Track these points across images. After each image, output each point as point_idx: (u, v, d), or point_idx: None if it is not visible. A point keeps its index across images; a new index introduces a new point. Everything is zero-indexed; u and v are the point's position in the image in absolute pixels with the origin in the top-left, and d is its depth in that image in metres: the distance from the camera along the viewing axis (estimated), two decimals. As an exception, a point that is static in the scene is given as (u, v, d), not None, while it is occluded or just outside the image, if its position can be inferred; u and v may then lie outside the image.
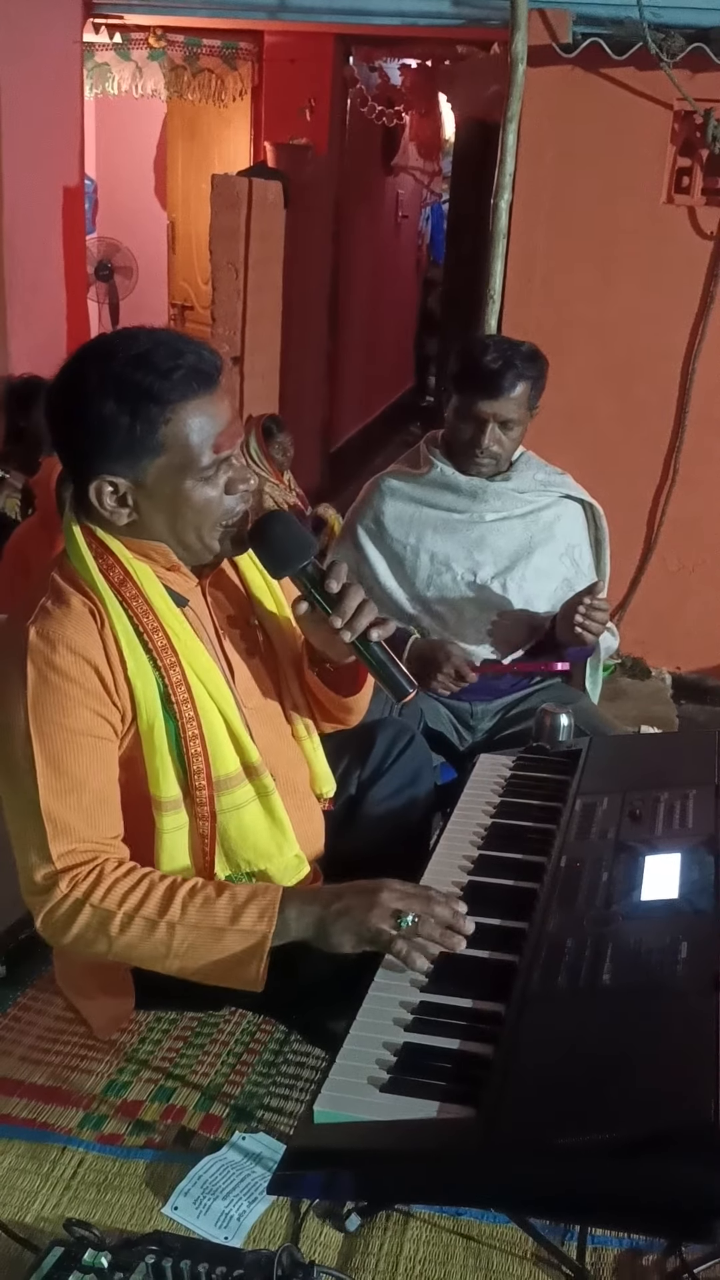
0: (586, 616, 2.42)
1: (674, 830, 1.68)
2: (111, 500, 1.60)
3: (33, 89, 4.54)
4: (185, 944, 1.53)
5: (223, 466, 1.61)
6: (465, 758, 2.40)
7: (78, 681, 1.57)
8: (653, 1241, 1.53)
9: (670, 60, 3.77)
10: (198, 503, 1.60)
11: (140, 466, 1.57)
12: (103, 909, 1.54)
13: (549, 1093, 1.21)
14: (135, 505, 1.61)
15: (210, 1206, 1.57)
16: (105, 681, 1.59)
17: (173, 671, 1.63)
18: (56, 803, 1.56)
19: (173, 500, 1.60)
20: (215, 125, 6.50)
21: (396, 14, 4.25)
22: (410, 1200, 1.53)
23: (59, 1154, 1.67)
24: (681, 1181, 1.10)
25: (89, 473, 1.59)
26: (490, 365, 2.45)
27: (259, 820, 1.72)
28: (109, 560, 1.62)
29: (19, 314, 4.63)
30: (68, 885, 1.55)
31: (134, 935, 1.54)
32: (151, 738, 1.62)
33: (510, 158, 3.98)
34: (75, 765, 1.57)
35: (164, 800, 1.64)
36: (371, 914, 1.48)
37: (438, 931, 1.47)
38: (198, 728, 1.64)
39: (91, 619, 1.60)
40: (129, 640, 1.60)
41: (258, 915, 1.52)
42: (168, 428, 1.55)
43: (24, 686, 1.56)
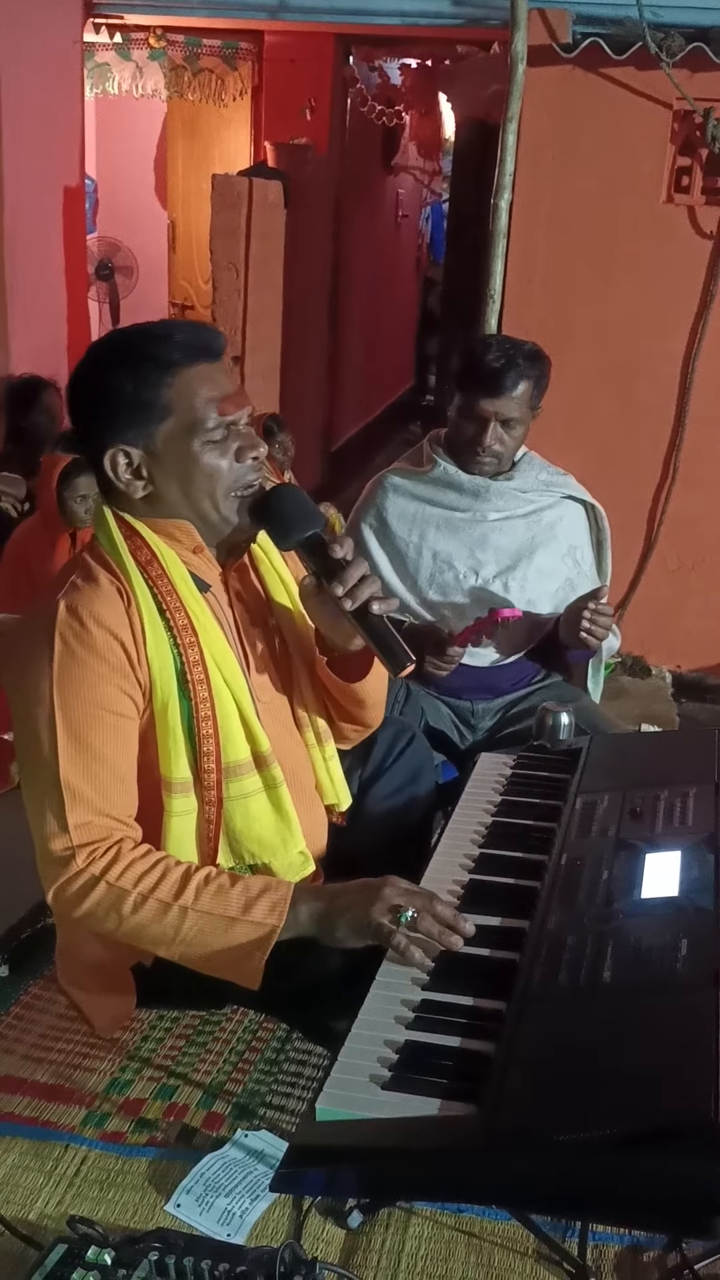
0: (593, 622, 2.43)
1: (674, 828, 1.69)
2: (126, 472, 1.64)
3: (33, 89, 4.54)
4: (194, 930, 1.54)
5: (231, 432, 1.64)
6: (466, 756, 2.41)
7: (103, 656, 1.60)
8: (653, 1238, 1.54)
9: (670, 60, 3.78)
10: (207, 467, 1.63)
11: (149, 432, 1.62)
12: (118, 887, 1.55)
13: (550, 1090, 1.21)
14: (150, 476, 1.65)
15: (213, 1204, 1.57)
16: (130, 657, 1.62)
17: (190, 651, 1.65)
18: (75, 774, 1.58)
19: (183, 465, 1.63)
20: (215, 125, 6.50)
21: (396, 14, 4.25)
22: (412, 1197, 1.53)
23: (62, 1152, 1.67)
24: (682, 1177, 1.10)
25: (103, 446, 1.63)
26: (493, 364, 2.45)
27: (265, 812, 1.73)
28: (137, 542, 1.66)
29: (19, 314, 4.64)
30: (85, 860, 1.57)
31: (145, 916, 1.55)
32: (165, 716, 1.64)
33: (510, 157, 3.98)
34: (96, 739, 1.59)
35: (174, 781, 1.66)
36: (373, 908, 1.50)
37: (437, 928, 1.48)
38: (211, 709, 1.66)
39: (119, 596, 1.63)
40: (151, 617, 1.63)
41: (269, 908, 1.54)
42: (172, 390, 1.60)
43: (50, 658, 1.59)
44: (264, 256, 5.20)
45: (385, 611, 1.66)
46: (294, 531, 1.67)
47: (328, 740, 1.90)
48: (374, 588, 1.64)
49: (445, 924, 1.49)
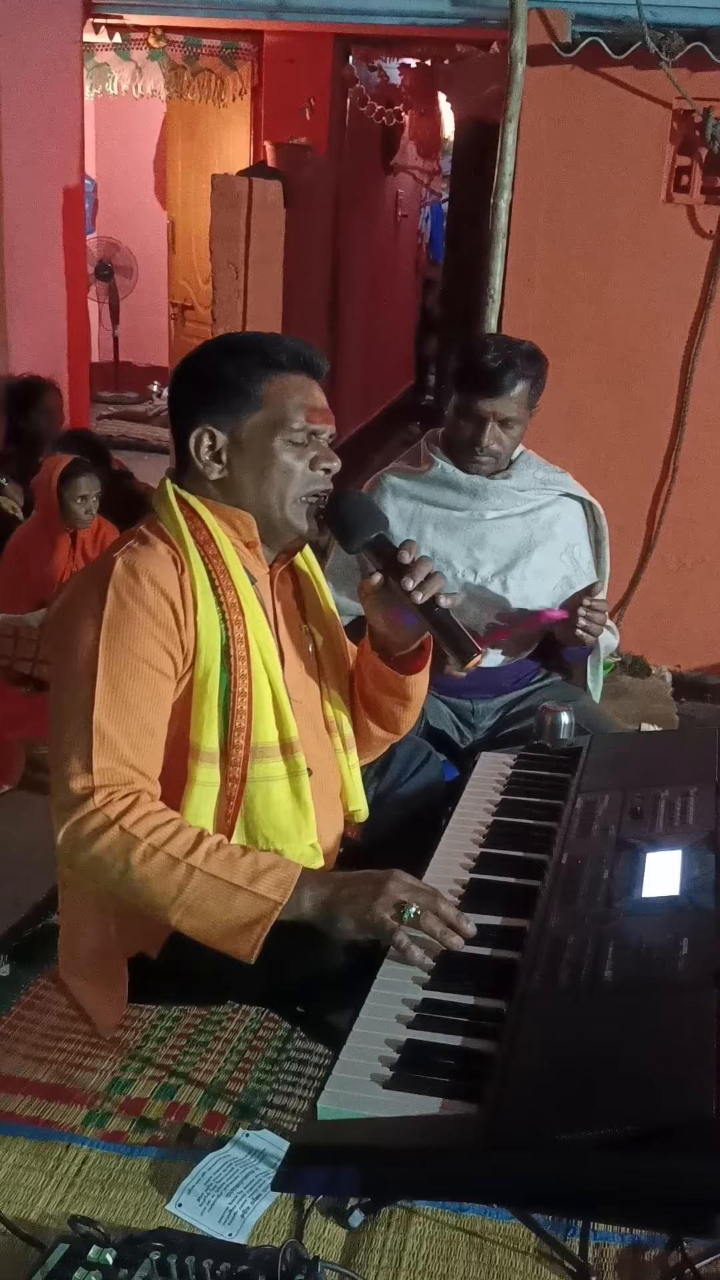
0: (587, 619, 2.43)
1: (675, 827, 1.69)
2: (207, 452, 1.72)
3: (33, 89, 4.54)
4: (197, 892, 1.53)
5: (312, 441, 1.73)
6: (466, 756, 2.40)
7: (152, 613, 1.64)
8: (655, 1237, 1.54)
9: (669, 59, 3.78)
10: (284, 465, 1.71)
11: (238, 420, 1.71)
12: (130, 834, 1.54)
13: (551, 1088, 1.21)
14: (228, 462, 1.73)
15: (214, 1203, 1.57)
16: (178, 619, 1.66)
17: (237, 628, 1.69)
18: (108, 719, 1.59)
19: (261, 458, 1.71)
20: (215, 125, 6.50)
21: (396, 14, 4.25)
22: (414, 1196, 1.53)
23: (63, 1151, 1.67)
24: (683, 1176, 1.10)
25: (192, 423, 1.72)
26: (490, 364, 2.45)
27: (285, 799, 1.74)
28: (196, 523, 1.72)
29: (19, 314, 4.64)
30: (102, 800, 1.56)
31: (152, 869, 1.54)
32: (205, 685, 1.67)
33: (510, 157, 3.98)
34: (133, 690, 1.62)
35: (203, 750, 1.68)
36: (376, 902, 1.49)
37: (439, 928, 1.47)
38: (248, 687, 1.70)
39: (173, 564, 1.69)
40: (204, 588, 1.68)
41: (274, 884, 1.53)
42: (269, 387, 1.71)
43: (101, 606, 1.63)
44: (264, 257, 5.20)
45: (451, 606, 1.72)
46: (361, 533, 1.74)
47: (352, 748, 1.93)
48: (442, 583, 1.71)
49: (448, 923, 1.48)
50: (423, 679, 1.89)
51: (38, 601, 3.83)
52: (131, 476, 5.01)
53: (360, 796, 1.94)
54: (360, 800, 1.94)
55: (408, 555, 1.71)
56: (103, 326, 8.49)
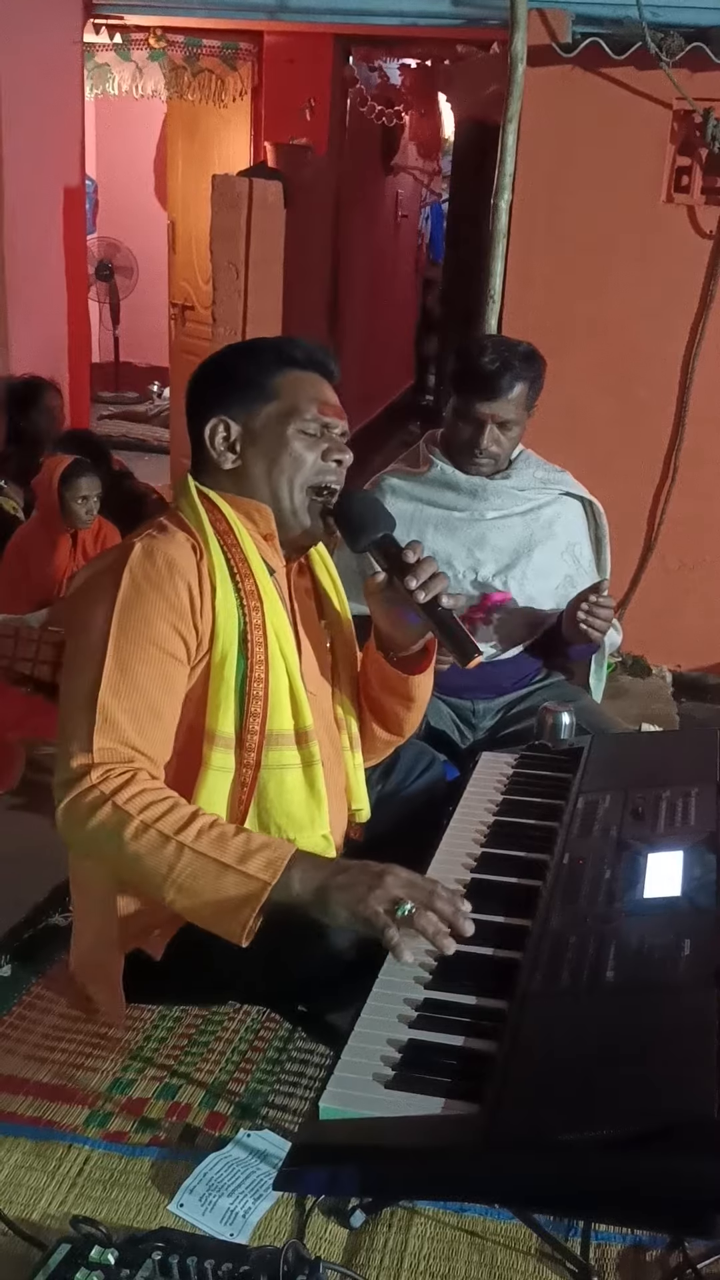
0: (590, 614, 2.43)
1: (676, 828, 1.69)
2: (222, 443, 1.77)
3: (33, 89, 4.54)
4: (188, 871, 1.51)
5: (324, 434, 1.77)
6: (467, 756, 2.41)
7: (167, 596, 1.65)
8: (656, 1237, 1.54)
9: (669, 60, 3.78)
10: (295, 452, 1.75)
11: (252, 410, 1.76)
12: (124, 810, 1.54)
13: (552, 1089, 1.21)
14: (241, 451, 1.77)
15: (216, 1203, 1.57)
16: (193, 603, 1.67)
17: (255, 615, 1.71)
18: (112, 699, 1.60)
19: (274, 446, 1.75)
20: (215, 125, 6.49)
21: (396, 14, 4.26)
22: (415, 1196, 1.53)
23: (65, 1152, 1.67)
24: (684, 1176, 1.10)
25: (208, 414, 1.77)
26: (488, 367, 2.45)
27: (299, 787, 1.75)
28: (216, 514, 1.76)
29: (19, 314, 4.64)
30: (99, 777, 1.57)
31: (144, 845, 1.53)
32: (222, 670, 1.68)
33: (510, 157, 3.99)
34: (141, 672, 1.62)
35: (218, 735, 1.68)
36: (372, 894, 1.44)
37: (432, 928, 1.42)
38: (264, 673, 1.71)
39: (192, 551, 1.71)
40: (223, 575, 1.71)
41: (264, 864, 1.49)
42: (283, 380, 1.77)
43: (116, 588, 1.65)
44: (264, 257, 5.19)
45: (453, 607, 1.74)
46: (368, 532, 1.77)
47: (358, 748, 1.95)
48: (445, 584, 1.73)
49: (445, 919, 1.43)
50: (426, 680, 1.91)
51: (38, 602, 3.83)
52: (132, 476, 5.01)
53: (363, 796, 1.94)
54: (363, 800, 1.94)
55: (412, 555, 1.73)
56: (103, 327, 8.50)
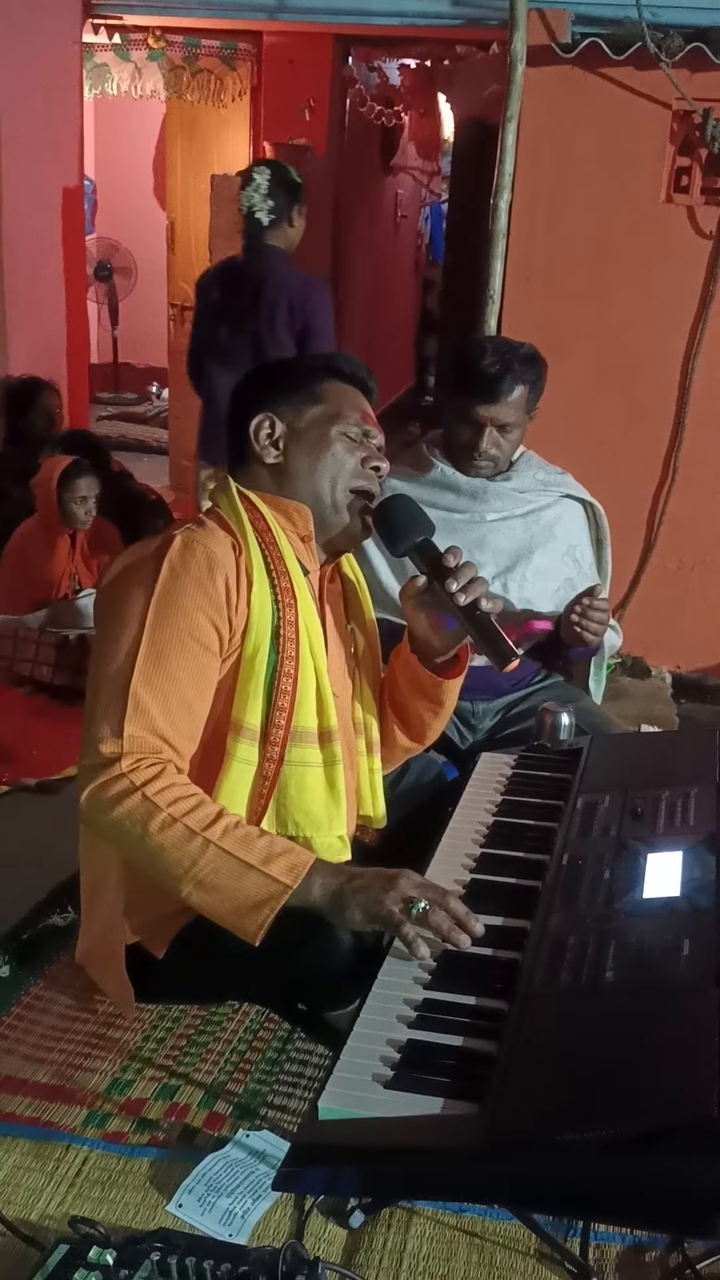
0: (583, 616, 2.43)
1: (675, 828, 1.69)
2: (266, 438, 1.81)
3: (32, 89, 4.54)
4: (210, 867, 1.55)
5: (364, 441, 1.83)
6: (466, 756, 2.40)
7: (204, 588, 1.67)
8: (655, 1237, 1.54)
9: (669, 60, 3.78)
10: (338, 453, 1.80)
11: (299, 410, 1.82)
12: (152, 801, 1.56)
13: (552, 1089, 1.21)
14: (285, 448, 1.81)
15: (215, 1204, 1.57)
16: (229, 596, 1.69)
17: (289, 611, 1.73)
18: (145, 687, 1.61)
19: (318, 444, 1.80)
20: (214, 125, 6.50)
21: (395, 14, 4.25)
22: (414, 1197, 1.53)
23: (63, 1152, 1.67)
24: (684, 1177, 1.10)
25: (255, 410, 1.82)
26: (488, 369, 2.44)
27: (319, 786, 1.77)
28: (255, 514, 1.78)
29: (19, 314, 4.64)
30: (129, 766, 1.58)
31: (169, 838, 1.56)
32: (253, 663, 1.70)
33: (509, 157, 3.99)
34: (175, 662, 1.64)
35: (244, 726, 1.70)
36: (386, 895, 1.51)
37: (446, 925, 1.48)
38: (294, 669, 1.73)
39: (231, 548, 1.73)
40: (260, 571, 1.73)
41: (287, 868, 1.55)
42: (329, 388, 1.85)
43: (155, 578, 1.66)
44: (263, 257, 5.19)
45: (492, 611, 1.76)
46: (409, 536, 1.80)
47: (376, 753, 1.96)
48: (485, 587, 1.75)
49: (456, 919, 1.49)
50: (456, 686, 1.94)
51: (37, 602, 3.83)
52: (131, 478, 5.01)
53: (379, 802, 1.96)
54: (378, 807, 1.96)
55: (453, 559, 1.76)
56: (102, 327, 8.50)
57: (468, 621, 1.76)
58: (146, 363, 8.63)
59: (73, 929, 2.06)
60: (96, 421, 6.50)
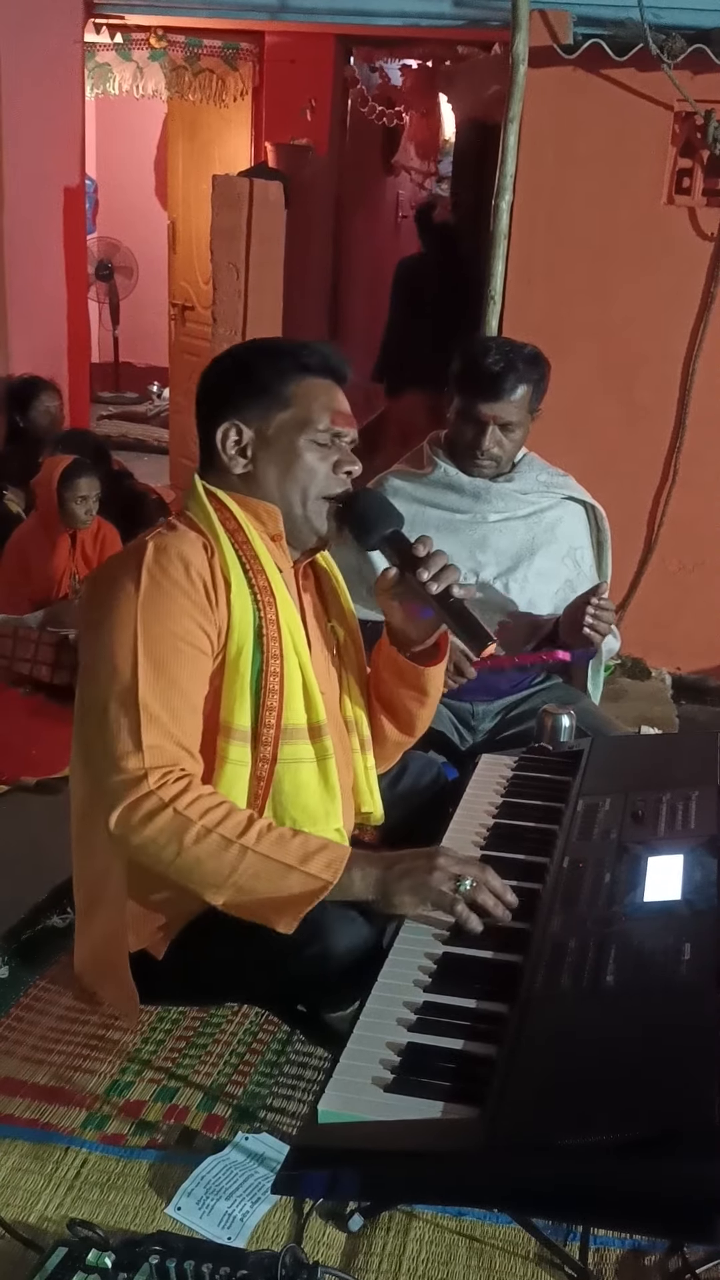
0: (596, 618, 2.43)
1: (676, 831, 1.69)
2: (233, 447, 1.76)
3: (33, 89, 4.54)
4: (250, 872, 1.57)
5: (336, 442, 1.78)
6: (466, 758, 2.40)
7: (186, 592, 1.66)
8: (655, 1242, 1.54)
9: (671, 61, 3.78)
10: (307, 463, 1.76)
11: (266, 416, 1.76)
12: (184, 816, 1.57)
13: (552, 1093, 1.21)
14: (253, 456, 1.76)
15: (213, 1207, 1.57)
16: (209, 597, 1.68)
17: (269, 610, 1.72)
18: (152, 696, 1.62)
19: (286, 454, 1.75)
20: (216, 125, 6.49)
21: (397, 14, 4.25)
22: (414, 1200, 1.53)
23: (62, 1154, 1.67)
24: (684, 1181, 1.10)
25: (221, 417, 1.77)
26: (492, 368, 2.45)
27: (314, 781, 1.77)
28: (225, 514, 1.76)
29: (19, 314, 4.64)
30: (156, 783, 1.58)
31: (205, 849, 1.57)
32: (237, 664, 1.70)
33: (511, 158, 3.98)
34: (174, 667, 1.64)
35: (234, 728, 1.69)
36: (433, 876, 1.56)
37: (491, 901, 1.55)
38: (279, 668, 1.72)
39: (204, 549, 1.72)
40: (235, 570, 1.72)
41: (325, 864, 1.57)
42: (298, 388, 1.76)
43: (137, 589, 1.65)
44: (264, 257, 5.19)
45: (465, 597, 1.76)
46: (378, 529, 1.79)
47: (370, 749, 1.95)
48: (457, 575, 1.75)
49: (496, 893, 1.56)
50: (439, 673, 1.93)
51: (37, 602, 3.83)
52: (131, 477, 5.01)
53: (377, 799, 1.96)
54: (375, 803, 1.95)
55: (423, 549, 1.76)
56: (103, 326, 8.49)
57: (441, 609, 1.76)
58: (147, 362, 8.62)
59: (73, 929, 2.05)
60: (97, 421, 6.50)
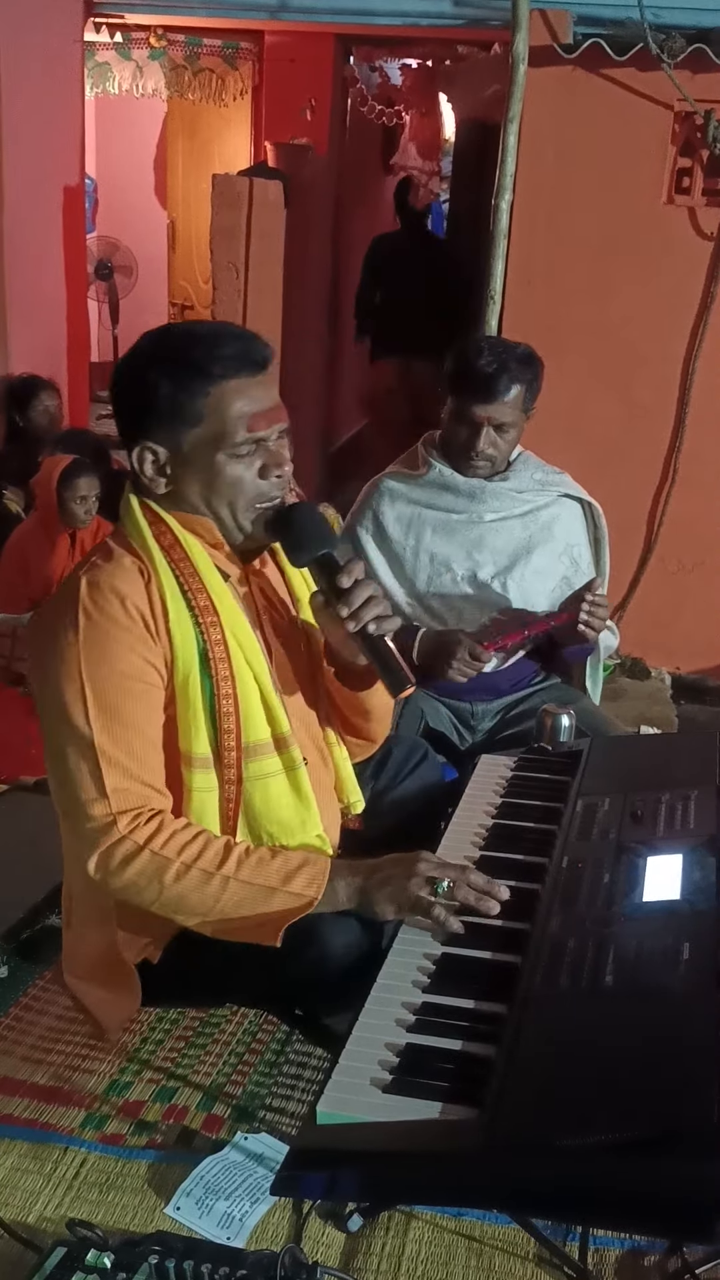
0: (590, 614, 2.42)
1: (675, 831, 1.69)
2: (151, 468, 1.68)
3: (33, 88, 4.53)
4: (234, 899, 1.57)
5: (259, 448, 1.67)
6: (466, 758, 2.40)
7: (126, 628, 1.63)
8: (654, 1242, 1.54)
9: (671, 61, 3.77)
10: (230, 477, 1.66)
11: (179, 435, 1.65)
12: (161, 856, 1.58)
13: (551, 1093, 1.21)
14: (173, 475, 1.68)
15: (213, 1207, 1.57)
16: (150, 629, 1.65)
17: (213, 630, 1.68)
18: (109, 741, 1.60)
19: (206, 472, 1.66)
20: (215, 125, 6.50)
21: (397, 14, 4.24)
22: (412, 1201, 1.53)
23: (61, 1154, 1.67)
24: (683, 1182, 1.10)
25: (133, 440, 1.68)
26: (485, 369, 2.45)
27: (284, 793, 1.75)
28: (161, 528, 1.69)
29: (18, 313, 4.63)
30: (127, 827, 1.58)
31: (187, 885, 1.58)
32: (186, 692, 1.67)
33: (511, 158, 3.98)
34: (126, 708, 1.62)
35: (195, 756, 1.67)
36: (410, 882, 1.56)
37: (473, 896, 1.55)
38: (232, 688, 1.69)
39: (139, 575, 1.67)
40: (173, 594, 1.66)
41: (308, 880, 1.58)
42: (207, 400, 1.63)
43: (76, 634, 1.62)
44: (264, 257, 5.19)
45: (386, 633, 1.69)
46: (306, 550, 1.72)
47: (344, 744, 1.93)
48: (378, 610, 1.68)
49: (480, 890, 1.56)
50: (377, 696, 1.86)
51: (37, 602, 3.83)
52: (131, 476, 5.00)
53: (355, 789, 1.94)
54: (356, 793, 1.94)
55: (346, 580, 1.67)
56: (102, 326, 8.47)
57: (361, 644, 1.69)
58: (147, 362, 8.60)
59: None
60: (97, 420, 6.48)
